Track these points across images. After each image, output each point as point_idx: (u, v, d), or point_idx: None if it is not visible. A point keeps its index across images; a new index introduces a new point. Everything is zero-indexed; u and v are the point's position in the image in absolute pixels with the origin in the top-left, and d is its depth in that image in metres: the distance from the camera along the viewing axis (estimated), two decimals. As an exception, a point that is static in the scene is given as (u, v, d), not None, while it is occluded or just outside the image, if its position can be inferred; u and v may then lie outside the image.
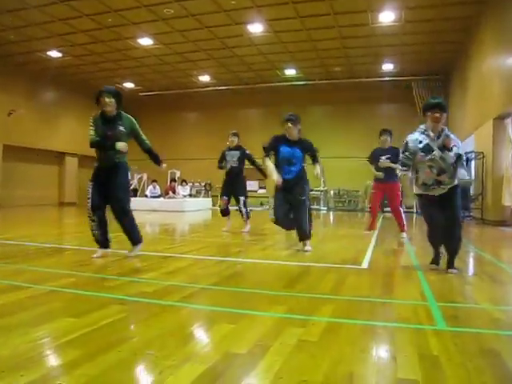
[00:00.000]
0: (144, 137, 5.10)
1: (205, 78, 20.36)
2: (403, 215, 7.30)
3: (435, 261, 4.42)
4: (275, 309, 2.85)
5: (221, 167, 8.38)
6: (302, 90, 21.11)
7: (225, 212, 8.49)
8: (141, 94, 22.25)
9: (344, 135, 20.23)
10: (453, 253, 4.27)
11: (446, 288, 3.58)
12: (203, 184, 22.44)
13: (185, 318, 2.68)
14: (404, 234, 7.23)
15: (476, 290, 3.59)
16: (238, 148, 8.26)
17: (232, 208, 8.49)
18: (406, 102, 19.27)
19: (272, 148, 5.75)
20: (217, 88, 21.45)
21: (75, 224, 10.60)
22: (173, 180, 18.74)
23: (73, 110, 21.46)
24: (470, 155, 13.02)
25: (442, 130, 4.13)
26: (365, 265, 4.61)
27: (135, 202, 17.38)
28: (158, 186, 17.96)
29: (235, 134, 8.40)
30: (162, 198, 17.23)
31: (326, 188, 20.17)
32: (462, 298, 3.34)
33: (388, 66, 18.01)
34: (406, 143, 4.22)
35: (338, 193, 20.44)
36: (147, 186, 19.14)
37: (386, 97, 20.22)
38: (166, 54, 16.96)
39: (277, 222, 5.79)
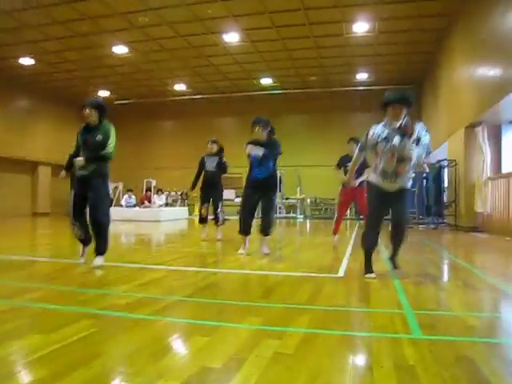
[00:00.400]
0: (111, 145, 4.93)
1: (180, 87, 20.30)
2: None
3: (369, 269, 4.39)
4: (250, 320, 2.80)
5: (199, 173, 8.47)
6: (277, 98, 21.23)
7: (204, 220, 8.45)
8: (116, 102, 22.01)
9: (320, 144, 20.37)
10: (397, 248, 4.47)
11: (422, 295, 3.59)
12: (179, 193, 22.28)
13: (158, 332, 2.62)
14: None
15: (451, 297, 3.60)
16: (216, 154, 8.37)
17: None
18: (379, 110, 19.45)
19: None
20: (193, 97, 21.43)
21: (48, 235, 10.37)
22: (148, 189, 18.56)
23: (46, 119, 21.12)
24: (443, 163, 13.24)
25: (403, 121, 4.17)
26: (341, 273, 4.60)
27: (110, 212, 17.23)
28: (133, 196, 17.75)
29: (214, 141, 8.48)
30: (137, 208, 17.02)
31: (302, 196, 20.25)
32: (438, 305, 3.36)
33: (362, 76, 18.28)
34: (367, 134, 4.36)
35: (315, 201, 20.54)
36: (123, 196, 18.89)
37: (360, 105, 20.47)
38: (141, 62, 16.87)
39: (241, 217, 6.13)
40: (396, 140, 4.12)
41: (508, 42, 8.34)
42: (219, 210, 8.30)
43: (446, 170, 13.51)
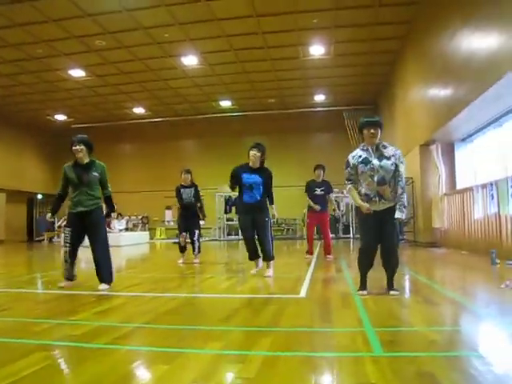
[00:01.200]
0: (109, 185, 5.31)
1: (139, 110, 20.19)
2: (331, 240, 8.74)
3: (363, 287, 4.46)
4: (211, 345, 2.74)
5: (180, 204, 8.53)
6: (237, 120, 21.40)
7: (184, 249, 8.59)
8: (73, 126, 21.63)
9: (279, 164, 20.32)
10: (391, 272, 4.42)
11: (383, 313, 3.61)
12: (140, 217, 21.94)
13: (116, 362, 2.51)
14: (330, 256, 8.42)
15: (412, 313, 3.64)
16: (191, 185, 8.47)
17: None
18: (338, 130, 19.93)
19: (235, 177, 6.10)
20: (152, 120, 21.32)
21: (2, 264, 9.95)
22: (108, 214, 18.15)
23: (1, 143, 20.50)
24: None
25: (379, 143, 4.32)
26: (303, 294, 4.59)
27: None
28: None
29: (188, 171, 8.56)
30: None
31: (276, 214, 20.23)
32: (399, 321, 3.38)
33: (320, 97, 18.66)
34: (348, 160, 4.40)
35: (276, 222, 20.56)
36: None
37: (319, 126, 20.85)
38: (98, 86, 16.70)
39: (246, 241, 6.27)
40: (375, 162, 4.24)
41: (456, 64, 8.71)
42: (195, 238, 8.42)
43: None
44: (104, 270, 5.16)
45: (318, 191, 8.32)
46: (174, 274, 6.94)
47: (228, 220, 20.68)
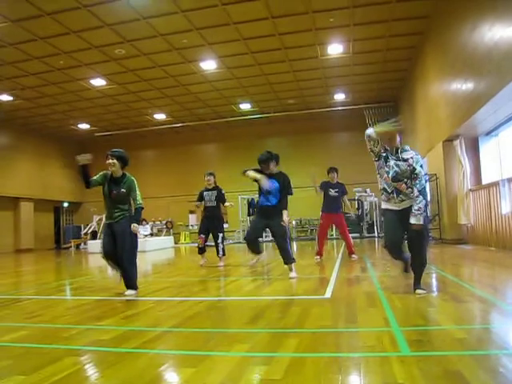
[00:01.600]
0: (138, 197, 5.32)
1: (160, 116, 20.39)
2: (351, 239, 8.74)
3: (405, 268, 4.62)
4: (237, 348, 2.76)
5: (198, 205, 8.77)
6: (258, 123, 21.44)
7: (202, 250, 8.65)
8: (96, 134, 22.03)
9: (301, 165, 20.34)
10: (417, 271, 4.40)
11: (410, 312, 3.58)
12: (164, 222, 22.14)
13: (144, 366, 2.55)
14: (354, 256, 8.49)
15: (439, 312, 3.60)
16: (215, 188, 8.55)
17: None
18: (359, 129, 19.67)
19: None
20: (173, 125, 21.51)
21: (32, 271, 10.17)
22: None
23: (27, 154, 21.02)
24: (424, 177, 13.35)
25: (399, 147, 4.41)
26: (328, 294, 4.57)
27: (95, 245, 17.00)
28: (117, 227, 17.52)
29: (211, 174, 8.67)
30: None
31: (288, 219, 20.23)
32: (426, 320, 3.34)
33: (340, 96, 18.55)
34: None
35: (300, 222, 20.54)
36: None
37: (340, 125, 20.73)
38: (119, 94, 16.93)
39: (247, 242, 6.42)
40: (392, 162, 4.37)
41: (477, 58, 8.57)
42: (219, 241, 8.47)
43: (427, 184, 13.65)
44: (129, 278, 5.26)
45: (333, 192, 8.51)
46: (199, 278, 6.99)
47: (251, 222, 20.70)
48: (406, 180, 4.31)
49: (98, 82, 15.50)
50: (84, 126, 21.20)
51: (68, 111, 18.71)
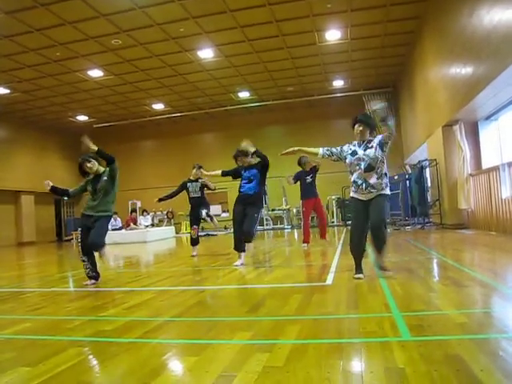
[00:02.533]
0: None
1: (159, 106, 20.32)
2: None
3: (359, 270, 4.70)
4: (239, 335, 2.78)
5: (174, 192, 9.23)
6: (257, 111, 21.38)
7: (195, 241, 8.78)
8: (95, 125, 21.95)
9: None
10: (379, 248, 4.67)
11: (410, 297, 3.60)
12: (165, 212, 22.16)
13: (147, 355, 2.57)
14: (327, 239, 9.24)
15: (440, 297, 3.61)
16: (197, 180, 8.74)
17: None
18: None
19: (234, 172, 6.92)
20: (172, 115, 21.45)
21: (35, 264, 10.21)
22: (133, 211, 18.42)
23: (26, 147, 20.96)
24: (424, 163, 13.37)
25: (367, 139, 4.74)
26: (329, 281, 4.59)
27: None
28: (118, 219, 17.59)
29: (200, 167, 8.81)
30: (123, 230, 16.87)
31: (288, 206, 20.28)
32: (426, 305, 3.35)
33: (339, 82, 18.47)
34: (341, 146, 4.93)
35: (299, 211, 20.53)
36: (108, 219, 18.69)
37: (339, 112, 20.63)
38: (117, 85, 16.86)
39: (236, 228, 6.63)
40: (360, 152, 4.68)
41: (476, 41, 8.51)
42: (203, 215, 8.79)
43: (427, 169, 13.64)
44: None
45: (309, 178, 8.86)
46: (200, 267, 7.02)
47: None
48: (377, 168, 4.59)
49: (95, 73, 15.43)
50: (82, 118, 21.14)
51: (66, 103, 18.64)
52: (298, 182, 8.95)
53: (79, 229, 5.53)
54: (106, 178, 5.54)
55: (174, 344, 2.79)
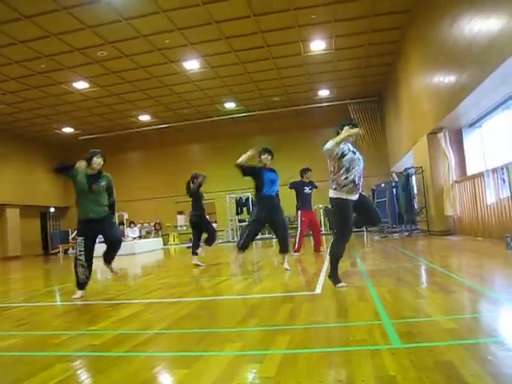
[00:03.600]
0: (114, 192, 5.82)
1: (145, 118, 20.29)
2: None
3: (337, 279, 4.69)
4: (230, 347, 2.76)
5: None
6: (243, 121, 21.42)
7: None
8: (81, 137, 21.82)
9: (288, 162, 20.27)
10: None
11: (399, 304, 3.61)
12: (152, 224, 22.04)
13: (136, 369, 2.54)
14: (322, 251, 9.09)
15: (428, 303, 3.63)
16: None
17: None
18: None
19: (253, 170, 6.56)
20: (158, 126, 21.41)
21: (20, 279, 10.07)
22: (120, 223, 18.27)
23: (11, 159, 20.75)
24: (410, 171, 13.48)
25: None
26: (318, 290, 4.59)
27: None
28: (105, 231, 17.40)
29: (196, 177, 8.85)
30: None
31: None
32: (416, 312, 3.36)
33: (324, 92, 18.61)
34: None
35: (289, 219, 20.53)
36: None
37: (325, 121, 20.72)
38: (103, 97, 16.81)
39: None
40: (357, 154, 4.76)
41: (458, 50, 8.66)
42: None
43: (413, 177, 13.77)
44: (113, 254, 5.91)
45: (307, 189, 8.95)
46: (189, 279, 6.98)
47: (240, 221, 20.72)
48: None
49: (81, 85, 15.37)
50: (68, 130, 21.02)
51: (51, 115, 18.52)
52: (294, 192, 9.02)
53: (80, 237, 5.42)
54: (104, 183, 5.58)
55: (164, 357, 2.77)
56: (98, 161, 5.53)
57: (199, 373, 2.34)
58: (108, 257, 5.86)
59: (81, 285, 5.40)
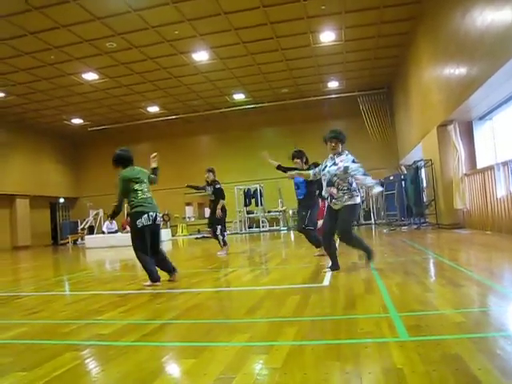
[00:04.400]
0: (118, 192, 5.64)
1: (154, 109, 20.31)
2: None
3: (336, 267, 5.26)
4: (237, 338, 2.77)
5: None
6: (252, 113, 21.36)
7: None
8: (90, 129, 21.93)
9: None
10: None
11: (407, 297, 3.60)
12: (161, 215, 22.09)
13: (144, 358, 2.56)
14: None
15: (437, 296, 3.61)
16: (212, 183, 8.90)
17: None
18: (353, 116, 19.79)
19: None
20: (167, 118, 21.44)
21: (30, 268, 10.17)
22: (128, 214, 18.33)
23: (21, 150, 20.91)
24: (419, 163, 13.40)
25: (338, 152, 5.14)
26: (326, 282, 4.59)
27: (92, 240, 16.99)
28: (114, 222, 17.54)
29: (210, 170, 8.97)
30: (119, 234, 16.82)
31: (284, 208, 20.28)
32: (424, 305, 3.35)
33: (333, 84, 18.51)
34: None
35: (296, 212, 20.54)
36: (104, 222, 18.67)
37: (334, 113, 20.67)
38: (112, 88, 16.84)
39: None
40: (327, 168, 5.13)
41: (469, 42, 8.55)
42: (218, 233, 8.85)
43: (423, 170, 13.68)
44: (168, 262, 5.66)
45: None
46: (197, 270, 7.01)
47: (248, 213, 20.73)
48: (336, 183, 5.00)
49: (90, 76, 15.41)
50: (77, 121, 21.10)
51: (61, 106, 18.60)
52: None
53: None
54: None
55: (172, 347, 2.79)
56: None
57: (207, 363, 2.35)
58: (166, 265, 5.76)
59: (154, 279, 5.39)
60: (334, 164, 5.06)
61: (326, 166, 5.18)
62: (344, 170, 4.98)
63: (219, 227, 8.86)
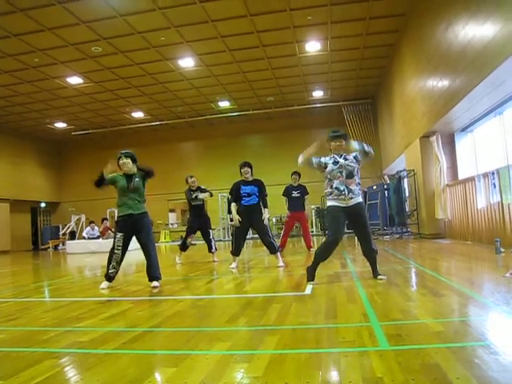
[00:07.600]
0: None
1: (138, 114, 20.24)
2: (310, 235, 10.22)
3: (312, 278, 5.04)
4: (218, 346, 2.76)
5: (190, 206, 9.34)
6: (237, 120, 21.43)
7: (187, 247, 9.24)
8: (73, 133, 21.73)
9: (280, 162, 20.35)
10: (374, 263, 5.15)
11: (388, 306, 3.62)
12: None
13: (124, 367, 2.53)
14: (312, 250, 9.29)
15: (417, 306, 3.64)
16: (197, 188, 9.14)
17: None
18: (337, 126, 19.81)
19: (235, 193, 7.22)
20: (151, 123, 21.36)
21: (9, 274, 9.99)
22: (104, 219, 18.05)
23: (2, 154, 20.62)
24: (402, 173, 13.55)
25: (344, 154, 5.12)
26: (308, 291, 4.60)
27: (73, 245, 16.77)
28: (96, 227, 17.35)
29: (193, 176, 9.26)
30: (100, 239, 16.64)
31: (267, 216, 20.25)
32: (404, 314, 3.38)
33: (318, 93, 18.66)
34: (320, 158, 5.23)
35: (280, 219, 20.58)
36: (85, 228, 18.45)
37: (319, 122, 20.82)
38: (97, 92, 16.74)
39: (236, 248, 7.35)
40: (342, 161, 5.04)
41: (452, 55, 8.70)
42: (211, 237, 9.05)
43: (405, 180, 13.83)
44: (157, 266, 5.77)
45: (295, 194, 9.64)
46: (179, 277, 6.97)
47: (232, 220, 20.68)
48: (355, 176, 4.99)
49: (75, 80, 15.31)
50: (61, 125, 20.91)
51: (44, 110, 18.42)
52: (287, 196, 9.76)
53: (119, 234, 5.66)
54: (138, 178, 5.76)
55: (152, 355, 2.76)
56: (119, 162, 5.86)
57: (187, 371, 2.33)
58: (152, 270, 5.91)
59: (109, 278, 5.71)
60: (345, 159, 5.06)
61: (334, 161, 5.07)
62: (356, 160, 5.07)
63: (211, 231, 9.15)
